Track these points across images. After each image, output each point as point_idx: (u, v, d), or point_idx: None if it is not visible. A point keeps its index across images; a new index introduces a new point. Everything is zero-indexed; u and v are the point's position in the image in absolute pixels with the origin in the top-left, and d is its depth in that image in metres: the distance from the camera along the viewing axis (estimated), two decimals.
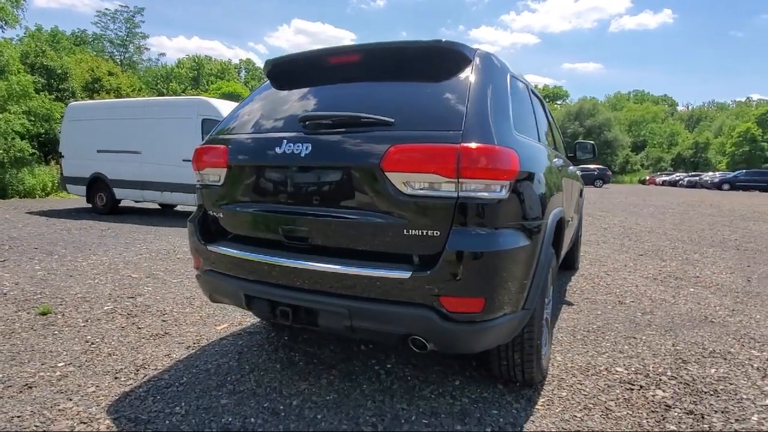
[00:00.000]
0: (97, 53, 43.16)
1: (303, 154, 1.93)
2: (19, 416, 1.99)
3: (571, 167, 3.86)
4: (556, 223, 2.34)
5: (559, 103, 74.11)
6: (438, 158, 1.73)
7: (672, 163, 56.97)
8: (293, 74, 2.45)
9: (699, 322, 3.37)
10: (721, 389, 2.36)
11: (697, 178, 35.35)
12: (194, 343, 2.82)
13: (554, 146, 3.48)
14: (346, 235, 1.93)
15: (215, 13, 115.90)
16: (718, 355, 2.78)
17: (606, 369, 2.57)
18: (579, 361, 2.68)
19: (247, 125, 2.32)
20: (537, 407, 2.15)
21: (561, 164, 3.10)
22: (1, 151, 12.34)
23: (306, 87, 2.36)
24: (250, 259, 2.08)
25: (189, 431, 1.92)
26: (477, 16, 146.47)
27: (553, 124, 3.92)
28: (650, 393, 2.31)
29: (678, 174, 42.66)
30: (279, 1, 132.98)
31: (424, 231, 1.76)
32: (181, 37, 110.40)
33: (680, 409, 2.16)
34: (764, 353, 2.82)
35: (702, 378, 2.47)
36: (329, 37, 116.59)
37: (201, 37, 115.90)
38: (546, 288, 2.22)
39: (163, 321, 3.21)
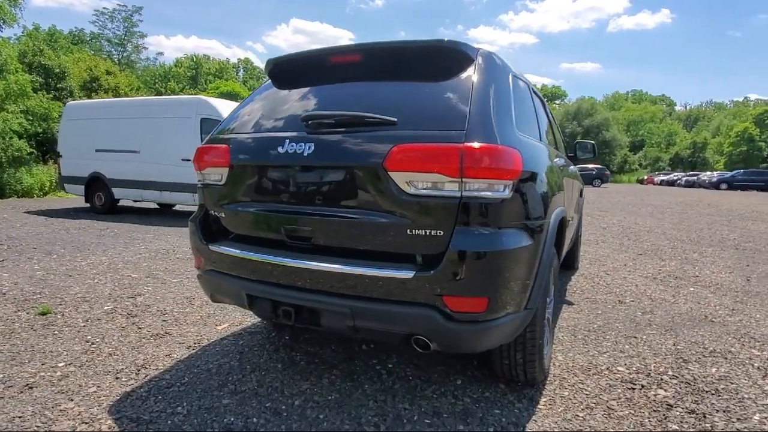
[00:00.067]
0: (94, 52, 43.02)
1: (306, 154, 1.93)
2: (20, 416, 1.98)
3: (571, 167, 3.87)
4: (558, 222, 2.34)
5: (557, 102, 74.16)
6: (441, 158, 1.73)
7: (670, 163, 57.10)
8: (295, 74, 2.44)
9: (699, 322, 3.38)
10: (722, 388, 2.36)
11: (695, 177, 35.45)
12: (195, 343, 2.82)
13: (555, 146, 3.48)
14: (348, 235, 1.92)
15: (213, 13, 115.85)
16: (719, 355, 2.78)
17: (607, 368, 2.57)
18: (580, 360, 2.68)
19: (249, 125, 2.31)
20: (539, 407, 2.15)
21: (562, 164, 3.10)
22: None
23: (308, 86, 2.35)
24: (252, 258, 2.07)
25: (191, 431, 1.91)
26: (475, 15, 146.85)
27: (554, 123, 3.92)
28: (652, 392, 2.31)
29: (676, 174, 42.78)
30: (278, 0, 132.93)
31: (428, 231, 1.76)
32: (179, 37, 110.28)
33: (682, 408, 2.17)
34: (765, 352, 2.82)
35: (703, 377, 2.48)
36: (328, 36, 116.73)
37: (199, 36, 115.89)
38: (548, 287, 2.22)
39: (163, 321, 3.21)
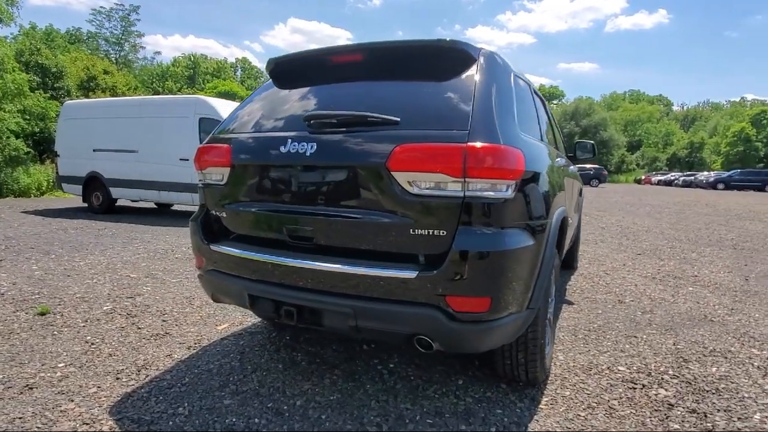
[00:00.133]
0: (92, 51, 42.86)
1: (308, 154, 1.92)
2: (20, 417, 1.97)
3: (571, 167, 3.87)
4: (560, 222, 2.34)
5: (555, 102, 74.23)
6: (444, 158, 1.73)
7: (667, 163, 57.30)
8: (296, 73, 2.44)
9: (699, 321, 3.39)
10: (722, 388, 2.37)
11: (692, 177, 35.56)
12: (195, 344, 2.81)
13: (555, 145, 3.48)
14: (351, 235, 1.92)
15: (211, 12, 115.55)
16: (719, 354, 2.79)
17: (608, 368, 2.58)
18: (581, 360, 2.68)
19: (251, 124, 2.30)
20: (541, 406, 2.16)
21: (563, 164, 3.11)
22: None
23: (309, 86, 2.35)
24: (254, 258, 2.07)
25: None
26: (473, 15, 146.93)
27: (554, 123, 3.92)
28: (653, 392, 2.32)
29: (673, 174, 42.92)
30: None
31: (430, 231, 1.76)
32: (177, 36, 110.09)
33: (683, 407, 2.17)
34: (764, 352, 2.83)
35: (703, 377, 2.49)
36: (325, 36, 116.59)
37: (196, 35, 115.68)
38: (550, 287, 2.22)
39: (163, 321, 3.20)
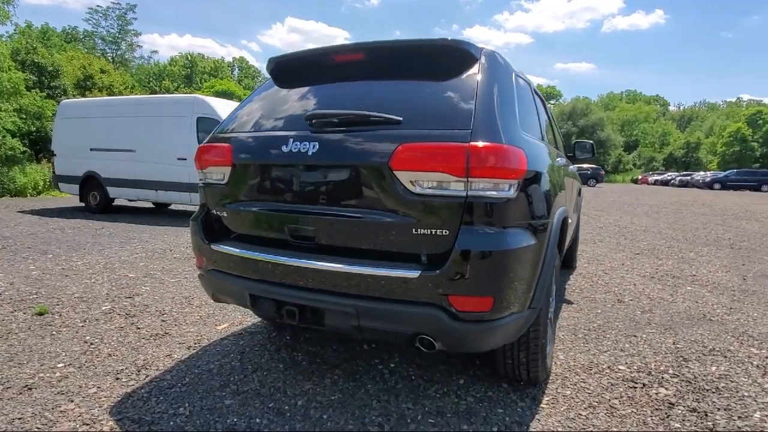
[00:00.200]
0: (88, 50, 42.64)
1: (310, 153, 1.92)
2: (20, 418, 1.96)
3: (571, 166, 3.88)
4: (561, 222, 2.34)
5: (552, 103, 74.35)
6: (447, 157, 1.73)
7: (664, 163, 57.53)
8: (297, 72, 2.43)
9: (698, 320, 3.40)
10: (722, 387, 2.37)
11: (689, 177, 35.73)
12: (195, 343, 2.80)
13: (555, 145, 3.49)
14: (353, 234, 1.92)
15: (208, 11, 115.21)
16: (718, 353, 2.80)
17: (608, 367, 2.58)
18: (581, 359, 2.69)
19: (252, 123, 2.29)
20: (542, 406, 2.16)
21: (563, 163, 3.11)
22: None
23: (310, 85, 2.34)
24: (255, 258, 2.06)
25: None
26: (470, 15, 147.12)
27: (554, 123, 3.93)
28: (653, 391, 2.32)
29: (670, 173, 43.10)
30: None
31: (433, 230, 1.76)
32: (174, 35, 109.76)
33: (684, 406, 2.18)
34: (763, 351, 2.84)
35: (703, 376, 2.49)
36: (322, 35, 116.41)
37: (193, 34, 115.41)
38: (551, 287, 2.23)
39: (162, 321, 3.18)
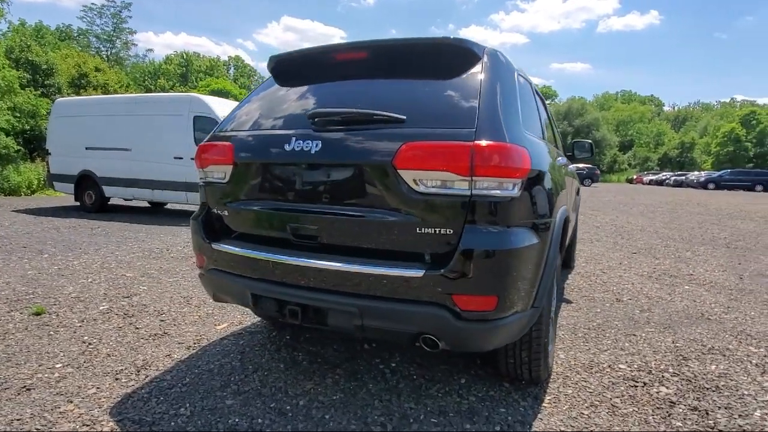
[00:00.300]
0: (83, 49, 42.23)
1: (313, 152, 1.91)
2: (18, 419, 1.94)
3: (570, 166, 3.89)
4: (563, 221, 2.34)
5: (548, 102, 74.32)
6: (451, 156, 1.72)
7: (658, 163, 57.81)
8: (298, 71, 2.41)
9: (696, 319, 3.41)
10: (722, 385, 2.38)
11: (683, 177, 35.90)
12: (195, 343, 2.78)
13: (555, 144, 3.49)
14: (356, 234, 1.91)
15: (203, 9, 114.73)
16: (717, 352, 2.81)
17: (609, 366, 2.59)
18: (582, 358, 2.69)
19: (253, 122, 2.27)
20: (544, 405, 2.16)
21: (563, 162, 3.12)
22: None
23: (312, 84, 2.33)
24: (257, 257, 2.04)
25: None
26: (467, 15, 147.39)
27: (553, 122, 3.94)
28: (654, 390, 2.33)
29: (664, 173, 43.31)
30: None
31: (437, 229, 1.75)
32: (169, 33, 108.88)
33: (684, 405, 2.19)
34: (761, 350, 2.86)
35: (703, 374, 2.50)
36: (318, 34, 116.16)
37: (188, 33, 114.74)
38: (553, 286, 2.23)
39: (161, 321, 3.16)
